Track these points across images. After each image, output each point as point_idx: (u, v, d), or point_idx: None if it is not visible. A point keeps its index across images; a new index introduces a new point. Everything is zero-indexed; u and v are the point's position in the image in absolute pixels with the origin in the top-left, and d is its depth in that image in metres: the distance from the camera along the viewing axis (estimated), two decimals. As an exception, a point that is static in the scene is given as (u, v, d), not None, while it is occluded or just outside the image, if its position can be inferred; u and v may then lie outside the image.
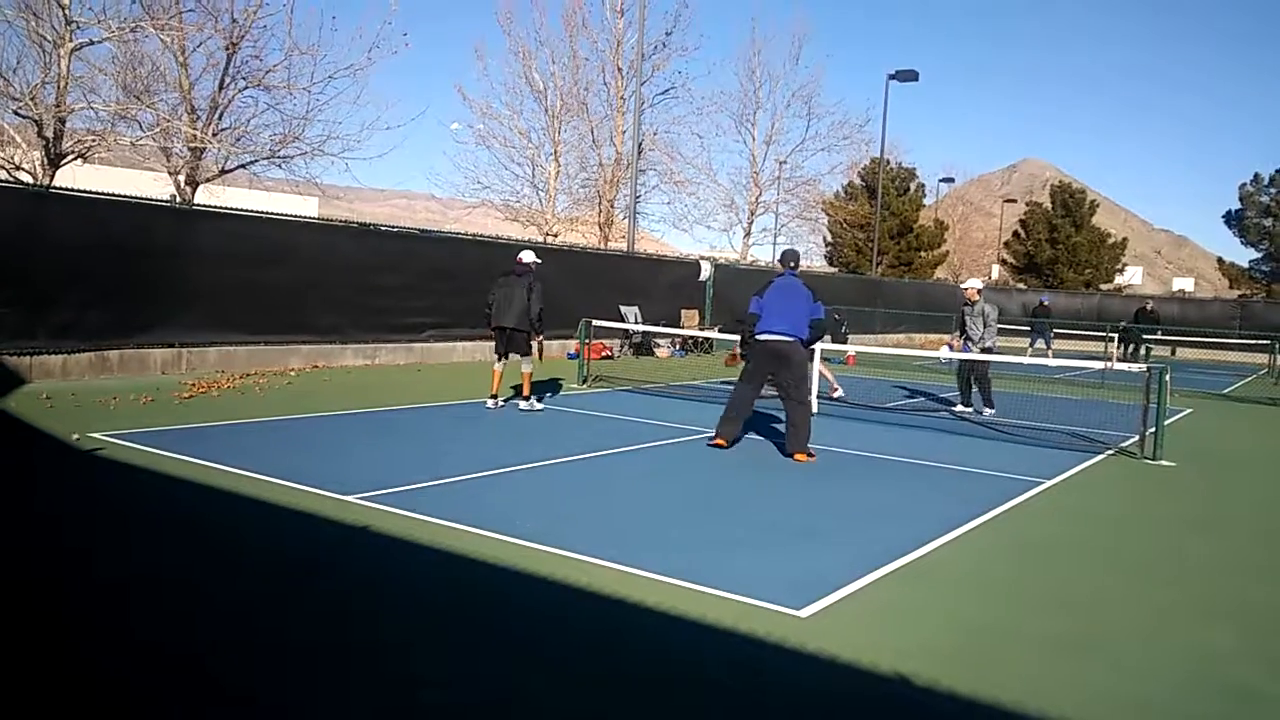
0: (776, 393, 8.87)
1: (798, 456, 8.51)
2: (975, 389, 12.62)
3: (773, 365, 8.68)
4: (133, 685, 3.44)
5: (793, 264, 9.08)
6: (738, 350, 13.33)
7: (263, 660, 3.71)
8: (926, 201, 48.08)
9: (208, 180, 15.99)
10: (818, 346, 12.77)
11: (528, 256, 10.82)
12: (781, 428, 10.38)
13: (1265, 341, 26.76)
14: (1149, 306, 28.03)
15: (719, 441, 8.82)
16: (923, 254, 45.86)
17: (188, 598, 4.33)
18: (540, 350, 10.58)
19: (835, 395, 13.51)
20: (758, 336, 8.72)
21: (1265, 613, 4.96)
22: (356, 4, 18.03)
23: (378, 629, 4.06)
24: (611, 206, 28.06)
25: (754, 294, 8.87)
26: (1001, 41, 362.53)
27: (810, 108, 33.76)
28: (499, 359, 10.57)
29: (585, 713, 3.41)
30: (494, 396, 10.65)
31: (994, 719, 3.54)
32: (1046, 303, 27.29)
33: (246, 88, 15.59)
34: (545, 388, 12.14)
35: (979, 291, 12.73)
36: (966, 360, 12.47)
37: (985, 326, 12.42)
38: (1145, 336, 25.21)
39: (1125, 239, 53.37)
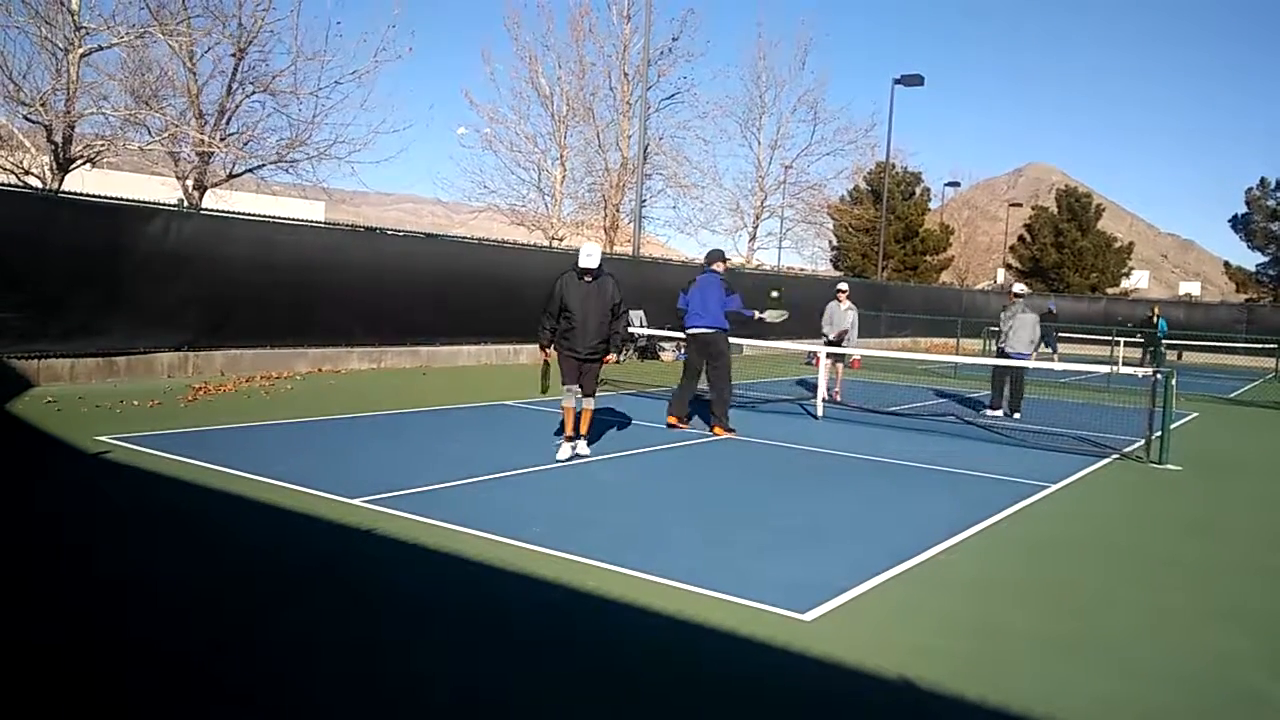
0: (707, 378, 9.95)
1: (718, 430, 9.77)
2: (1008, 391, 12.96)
3: (704, 354, 9.91)
4: (131, 682, 3.47)
5: (708, 261, 10.29)
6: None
7: (263, 660, 3.73)
8: (932, 205, 48.06)
9: (215, 184, 16.06)
10: (823, 349, 12.89)
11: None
12: (779, 428, 10.39)
13: (1272, 346, 26.68)
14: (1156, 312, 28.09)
15: (673, 420, 10.08)
16: (928, 258, 45.82)
17: (190, 598, 4.35)
18: (544, 373, 8.47)
19: (836, 397, 13.59)
20: (688, 330, 10.03)
21: (1271, 616, 4.95)
22: (362, 9, 18.12)
23: (380, 630, 4.08)
24: (617, 211, 28.10)
25: (681, 290, 10.26)
26: (1006, 46, 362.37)
27: (816, 113, 33.79)
28: None
29: (588, 715, 3.42)
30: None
31: (998, 722, 3.54)
32: (1054, 309, 27.30)
33: (254, 92, 15.66)
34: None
35: (1020, 295, 13.60)
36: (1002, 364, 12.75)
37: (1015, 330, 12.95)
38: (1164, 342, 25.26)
39: (1131, 243, 53.33)
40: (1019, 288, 14.18)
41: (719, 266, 10.15)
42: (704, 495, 7.13)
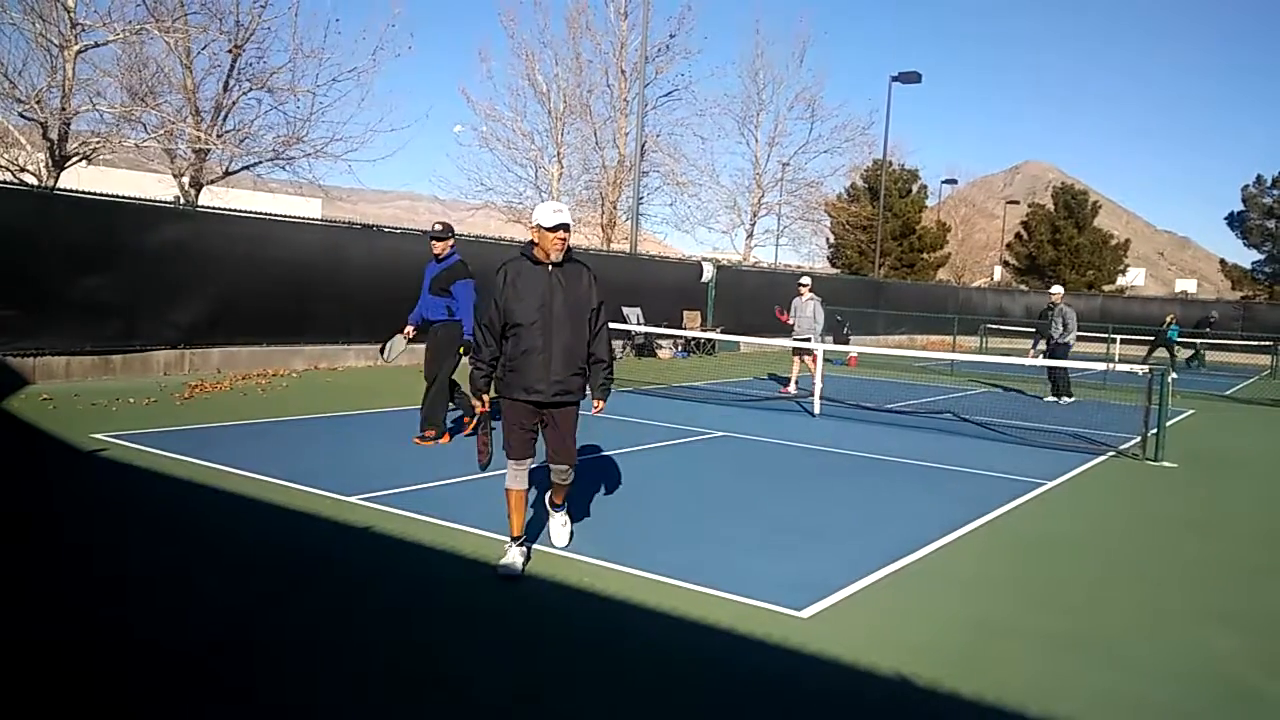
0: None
1: (415, 439, 8.33)
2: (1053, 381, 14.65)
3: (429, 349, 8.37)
4: (130, 680, 3.47)
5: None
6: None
7: (261, 658, 3.73)
8: (929, 203, 48.11)
9: (212, 182, 16.03)
10: (819, 346, 12.92)
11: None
12: (775, 426, 10.39)
13: (1267, 343, 26.74)
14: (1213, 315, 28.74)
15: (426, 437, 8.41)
16: (925, 255, 45.86)
17: (187, 596, 4.35)
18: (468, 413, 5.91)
19: (787, 391, 13.65)
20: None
21: (1265, 614, 4.97)
22: (361, 7, 18.10)
23: (379, 630, 4.08)
24: (614, 208, 28.10)
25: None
26: (1003, 43, 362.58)
27: (813, 110, 33.81)
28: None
29: (585, 713, 3.43)
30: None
31: (995, 719, 3.55)
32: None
33: (251, 90, 15.64)
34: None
35: (1060, 296, 15.00)
36: (1051, 358, 14.28)
37: (1065, 327, 14.48)
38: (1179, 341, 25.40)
39: (1128, 240, 53.39)
40: (1057, 289, 15.33)
41: (437, 248, 8.30)
42: (700, 493, 7.13)
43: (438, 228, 8.45)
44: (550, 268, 4.80)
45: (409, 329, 8.61)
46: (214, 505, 5.99)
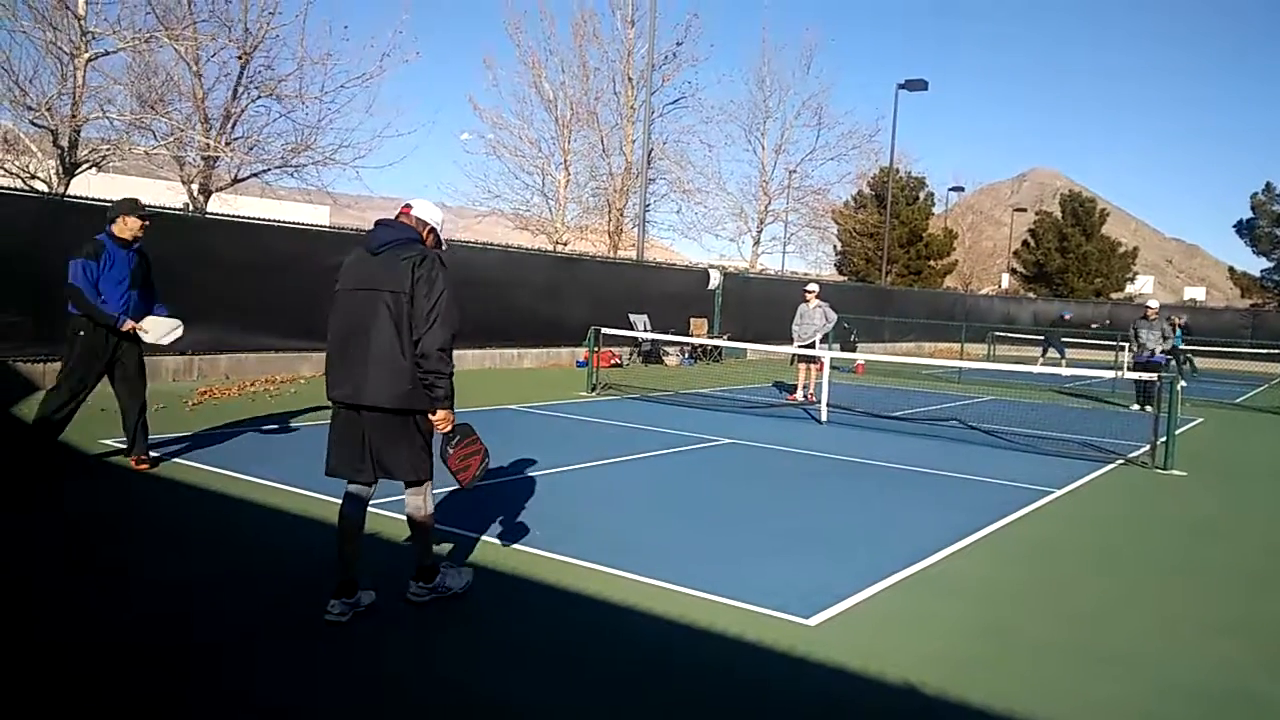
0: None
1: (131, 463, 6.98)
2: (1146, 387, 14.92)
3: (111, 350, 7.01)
4: (132, 682, 3.47)
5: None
6: None
7: (264, 661, 3.73)
8: (936, 210, 48.06)
9: (221, 189, 16.11)
10: (827, 354, 12.88)
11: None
12: (782, 433, 10.36)
13: (1277, 351, 26.62)
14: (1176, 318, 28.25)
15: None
16: (932, 263, 45.79)
17: (189, 600, 4.35)
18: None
19: (793, 398, 13.62)
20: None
21: (1275, 623, 4.93)
22: (368, 14, 18.21)
23: (381, 632, 4.08)
24: (621, 215, 28.13)
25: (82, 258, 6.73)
26: (1010, 50, 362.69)
27: (820, 117, 33.91)
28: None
29: (589, 719, 3.42)
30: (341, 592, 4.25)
31: (1003, 728, 3.53)
32: (1068, 317, 27.36)
33: (259, 97, 15.71)
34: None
35: (1157, 310, 15.75)
36: (1143, 365, 15.13)
37: (1165, 339, 15.47)
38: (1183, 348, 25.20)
39: (1136, 248, 53.29)
40: (1154, 302, 16.33)
41: (121, 227, 7.03)
42: (707, 500, 7.12)
43: (144, 205, 7.15)
44: None
45: (130, 325, 7.10)
46: (220, 510, 6.00)
